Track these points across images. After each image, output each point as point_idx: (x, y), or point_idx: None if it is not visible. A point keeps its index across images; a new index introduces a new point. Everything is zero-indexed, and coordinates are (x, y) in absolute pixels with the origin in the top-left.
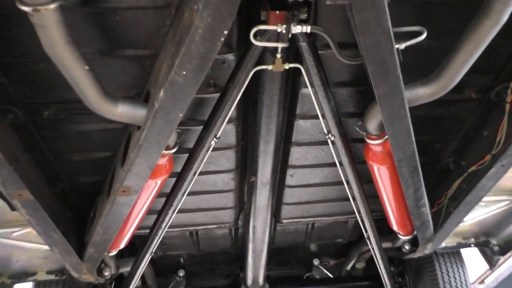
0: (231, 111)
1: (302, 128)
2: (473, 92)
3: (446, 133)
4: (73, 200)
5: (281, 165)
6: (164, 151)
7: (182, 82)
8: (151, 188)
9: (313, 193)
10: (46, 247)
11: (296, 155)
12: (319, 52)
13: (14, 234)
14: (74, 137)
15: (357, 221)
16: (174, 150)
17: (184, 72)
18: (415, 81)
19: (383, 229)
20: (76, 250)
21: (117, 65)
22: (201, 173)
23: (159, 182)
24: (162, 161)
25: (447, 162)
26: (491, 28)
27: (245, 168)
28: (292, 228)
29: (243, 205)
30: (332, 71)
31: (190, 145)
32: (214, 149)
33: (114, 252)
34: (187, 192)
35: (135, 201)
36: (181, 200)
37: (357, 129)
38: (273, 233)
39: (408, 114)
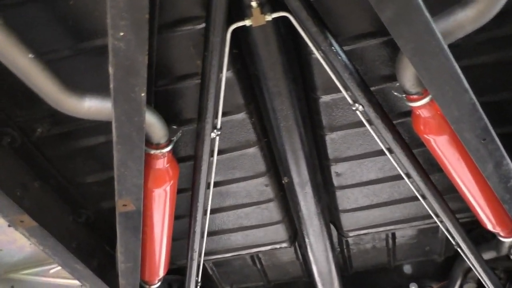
0: (223, 91)
1: (330, 106)
2: None
3: None
4: (103, 229)
5: (321, 162)
6: (154, 151)
7: (125, 48)
8: (163, 199)
9: (372, 193)
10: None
11: (334, 145)
12: None
13: (51, 272)
14: (80, 155)
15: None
16: (168, 149)
17: (122, 33)
18: None
19: (484, 234)
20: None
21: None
22: (228, 182)
23: (168, 189)
24: (160, 164)
25: None
26: None
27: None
28: (369, 246)
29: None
30: (343, 19)
31: None
32: (231, 149)
33: (157, 284)
34: (209, 206)
35: (145, 215)
36: (205, 216)
37: (395, 93)
38: (347, 253)
39: (447, 50)
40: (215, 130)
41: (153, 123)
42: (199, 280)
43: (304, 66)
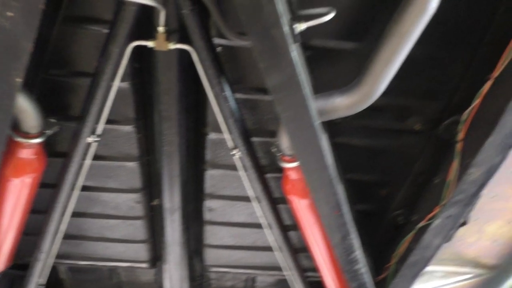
0: (111, 100)
1: (216, 144)
2: (418, 123)
3: (392, 175)
4: None
5: (196, 193)
6: (21, 139)
7: (10, 28)
8: (18, 189)
9: (239, 235)
10: None
11: (212, 181)
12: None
13: None
14: None
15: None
16: (37, 140)
17: (11, 14)
18: None
19: None
20: None
21: None
22: (99, 189)
23: (28, 181)
24: (24, 153)
25: (395, 215)
26: (418, 16)
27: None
28: (229, 284)
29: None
30: (245, 70)
31: None
32: (110, 158)
33: None
34: (70, 208)
35: None
36: (63, 217)
37: (272, 150)
38: (206, 287)
39: (319, 127)
40: (93, 135)
41: (26, 111)
42: (44, 282)
43: (200, 100)
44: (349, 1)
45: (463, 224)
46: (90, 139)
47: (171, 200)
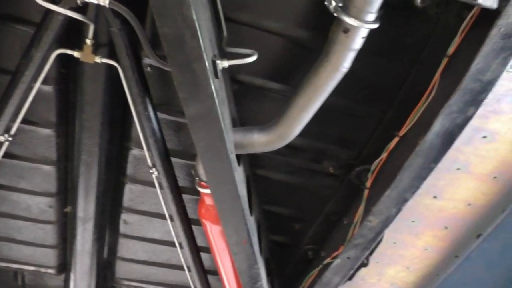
0: (29, 101)
1: (137, 160)
2: (332, 167)
3: (306, 212)
4: None
5: (114, 204)
6: None
7: None
8: None
9: (152, 251)
10: None
11: (131, 195)
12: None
13: None
14: None
15: None
16: None
17: None
18: None
19: None
20: None
21: None
22: (10, 189)
23: None
24: None
25: (306, 249)
26: (331, 73)
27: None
28: None
29: None
30: (173, 92)
31: None
32: (26, 159)
33: None
34: None
35: None
36: None
37: (192, 173)
38: None
39: (234, 159)
40: (6, 135)
41: None
42: None
43: (126, 115)
44: (279, 47)
45: (365, 265)
46: (2, 138)
47: (85, 209)
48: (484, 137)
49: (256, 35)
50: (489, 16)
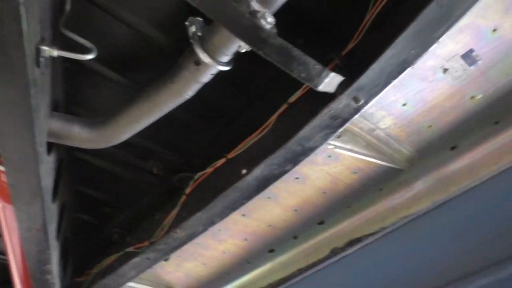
0: None
1: None
2: (156, 167)
3: (120, 199)
4: None
5: None
6: None
7: None
8: None
9: None
10: None
11: None
12: None
13: None
14: None
15: None
16: None
17: None
18: None
19: None
20: None
21: None
22: None
23: None
24: None
25: (113, 232)
26: (173, 97)
27: None
28: None
29: None
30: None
31: None
32: None
33: None
34: None
35: None
36: None
37: None
38: None
39: (42, 152)
40: None
41: None
42: None
43: None
44: (128, 39)
45: (166, 260)
46: None
47: None
48: (297, 178)
49: (108, 20)
50: (325, 98)
